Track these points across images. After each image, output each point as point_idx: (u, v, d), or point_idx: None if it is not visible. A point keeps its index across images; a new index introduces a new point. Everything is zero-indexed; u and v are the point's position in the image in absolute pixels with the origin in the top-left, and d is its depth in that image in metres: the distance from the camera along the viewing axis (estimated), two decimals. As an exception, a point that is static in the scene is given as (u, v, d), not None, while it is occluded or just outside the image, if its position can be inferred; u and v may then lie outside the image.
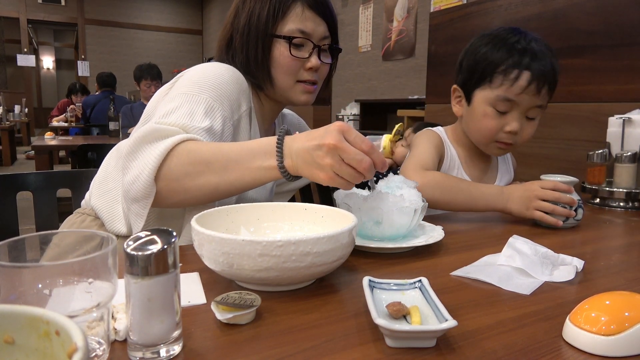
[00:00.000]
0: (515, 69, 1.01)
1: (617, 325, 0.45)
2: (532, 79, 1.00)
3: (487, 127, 1.06)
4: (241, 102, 0.91)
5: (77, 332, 0.27)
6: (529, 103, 1.03)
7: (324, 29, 0.98)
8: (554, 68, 1.04)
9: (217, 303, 0.50)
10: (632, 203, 1.16)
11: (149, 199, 0.75)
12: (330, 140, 0.65)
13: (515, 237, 0.73)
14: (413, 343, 0.45)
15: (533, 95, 1.01)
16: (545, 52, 1.03)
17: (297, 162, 0.69)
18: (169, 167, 0.74)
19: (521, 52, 1.02)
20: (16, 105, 8.15)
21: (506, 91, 1.02)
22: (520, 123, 1.05)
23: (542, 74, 1.01)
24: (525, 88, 1.01)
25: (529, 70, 1.00)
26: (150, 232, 0.42)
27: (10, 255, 0.40)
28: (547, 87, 1.03)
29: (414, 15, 4.52)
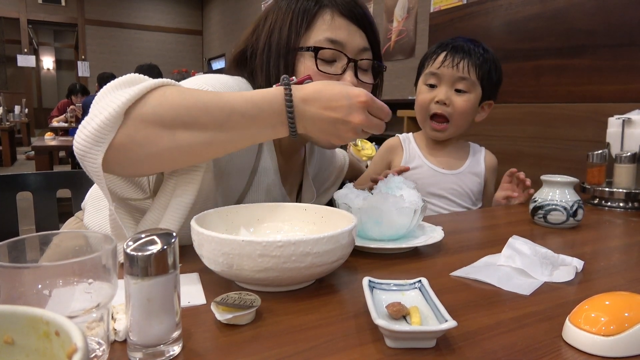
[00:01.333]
0: (436, 52, 1.22)
1: (617, 326, 0.45)
2: (448, 53, 1.19)
3: (420, 101, 1.23)
4: None
5: (76, 333, 0.27)
6: (450, 75, 1.18)
7: (361, 40, 0.82)
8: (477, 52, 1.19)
9: (217, 303, 0.50)
10: (632, 203, 1.16)
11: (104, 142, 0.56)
12: (356, 119, 0.63)
13: (515, 238, 0.73)
14: (413, 343, 0.45)
15: (451, 67, 1.18)
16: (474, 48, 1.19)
17: (312, 129, 0.63)
18: (149, 105, 0.58)
19: (446, 43, 1.21)
20: (16, 105, 8.15)
21: (430, 68, 1.22)
22: (448, 94, 1.19)
23: (458, 50, 1.18)
24: (443, 61, 1.19)
25: (445, 50, 1.20)
26: (150, 233, 0.42)
27: (10, 256, 0.40)
28: (466, 63, 1.18)
29: (414, 15, 4.52)
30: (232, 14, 9.35)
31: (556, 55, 1.49)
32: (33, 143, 3.98)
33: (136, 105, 0.58)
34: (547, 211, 0.95)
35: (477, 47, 1.21)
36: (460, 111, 1.20)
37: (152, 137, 0.59)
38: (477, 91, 1.21)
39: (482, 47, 1.22)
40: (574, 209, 0.94)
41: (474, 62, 1.19)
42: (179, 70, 6.59)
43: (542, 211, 0.96)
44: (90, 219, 0.85)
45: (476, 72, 1.19)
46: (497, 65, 1.23)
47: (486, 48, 1.23)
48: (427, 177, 1.25)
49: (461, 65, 1.18)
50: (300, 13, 0.80)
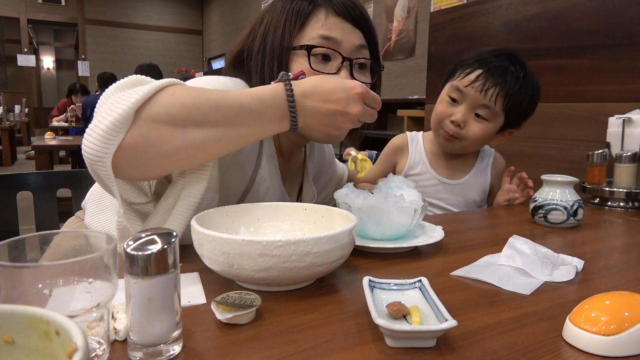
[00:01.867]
0: (472, 66, 1.12)
1: (617, 325, 0.45)
2: (481, 76, 1.09)
3: (437, 111, 1.17)
4: None
5: (77, 332, 0.27)
6: (475, 98, 1.10)
7: (357, 38, 0.81)
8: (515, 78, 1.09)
9: (217, 303, 0.50)
10: (632, 203, 1.16)
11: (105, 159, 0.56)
12: (354, 110, 0.65)
13: (515, 237, 0.73)
14: (413, 343, 0.45)
15: (479, 91, 1.09)
16: (515, 72, 1.09)
17: (312, 122, 0.65)
18: (160, 105, 0.58)
19: (489, 60, 1.11)
20: (16, 105, 8.15)
21: (458, 82, 1.12)
22: (465, 117, 1.12)
23: (493, 76, 1.09)
24: (473, 82, 1.10)
25: (482, 69, 1.10)
26: (151, 232, 0.42)
27: (10, 255, 0.40)
28: (496, 92, 1.08)
29: (414, 15, 4.52)
30: (232, 14, 9.36)
31: (556, 55, 1.49)
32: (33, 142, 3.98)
33: (146, 104, 0.58)
34: (547, 211, 0.95)
35: (518, 70, 1.10)
36: (472, 138, 1.13)
37: (165, 137, 0.59)
38: (499, 121, 1.13)
39: (525, 73, 1.11)
40: (574, 209, 0.94)
41: (507, 91, 1.09)
42: (179, 70, 6.58)
43: (543, 211, 0.96)
44: (91, 219, 0.85)
45: (504, 102, 1.10)
46: (534, 94, 1.13)
47: (529, 73, 1.12)
48: (429, 186, 1.24)
49: (490, 93, 1.09)
50: (294, 13, 0.80)
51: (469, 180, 1.24)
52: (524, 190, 1.18)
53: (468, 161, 1.27)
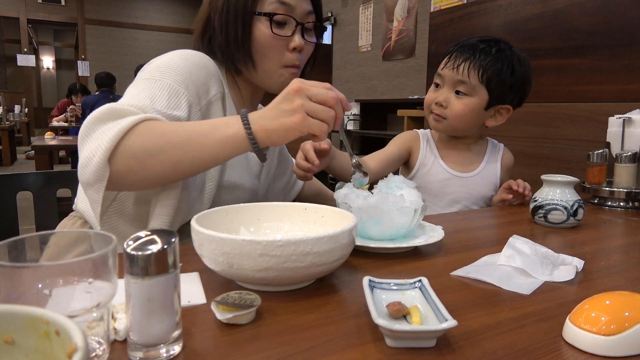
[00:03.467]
0: (447, 53, 1.19)
1: (618, 325, 0.45)
2: (452, 55, 1.17)
3: (426, 99, 1.24)
4: (210, 86, 0.87)
5: (77, 332, 0.27)
6: (451, 77, 1.16)
7: (307, 5, 0.93)
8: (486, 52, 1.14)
9: (217, 303, 0.50)
10: (632, 203, 1.16)
11: (101, 182, 0.69)
12: (292, 86, 0.68)
13: (515, 237, 0.73)
14: (413, 343, 0.45)
15: (451, 69, 1.15)
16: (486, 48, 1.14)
17: (266, 122, 0.69)
18: (126, 145, 0.69)
19: (460, 43, 1.18)
20: (16, 105, 8.14)
21: (438, 68, 1.21)
22: (447, 96, 1.18)
23: (462, 53, 1.15)
24: (447, 62, 1.17)
25: (455, 50, 1.17)
26: (150, 232, 0.42)
27: (10, 255, 0.40)
28: (467, 65, 1.14)
29: (414, 15, 4.52)
30: (232, 14, 9.34)
31: (556, 55, 1.49)
32: (33, 142, 3.97)
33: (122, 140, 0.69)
34: (547, 211, 0.95)
35: (490, 46, 1.15)
36: (455, 114, 1.17)
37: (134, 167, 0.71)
38: (481, 95, 1.16)
39: (498, 47, 1.15)
40: (574, 209, 0.94)
41: (478, 64, 1.14)
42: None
43: (543, 211, 0.96)
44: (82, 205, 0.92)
45: (479, 75, 1.14)
46: (516, 67, 1.15)
47: (503, 47, 1.16)
48: (442, 180, 1.24)
49: (461, 68, 1.15)
50: None
51: (481, 173, 1.25)
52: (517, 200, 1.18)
53: (478, 153, 1.28)
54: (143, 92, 0.78)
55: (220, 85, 0.90)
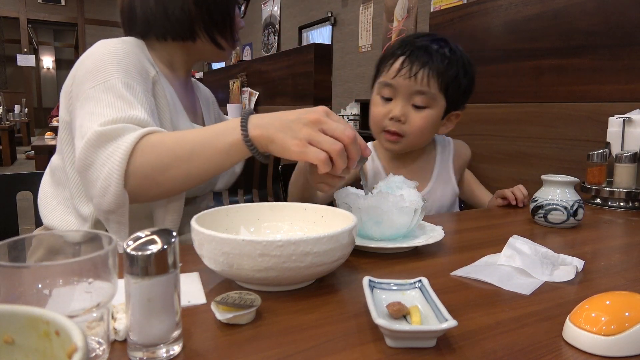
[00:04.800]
0: (394, 56, 1.05)
1: (618, 325, 0.45)
2: (406, 61, 1.02)
3: (374, 114, 1.09)
4: (147, 67, 0.88)
5: (77, 332, 0.27)
6: (407, 87, 1.02)
7: None
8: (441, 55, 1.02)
9: (217, 303, 0.50)
10: (632, 203, 1.16)
11: (124, 207, 0.73)
12: (313, 115, 0.64)
13: (515, 237, 0.73)
14: (413, 343, 0.45)
15: (408, 78, 1.01)
16: (439, 49, 1.03)
17: (269, 131, 0.66)
18: (135, 166, 0.70)
19: (407, 43, 1.05)
20: (16, 105, 8.15)
21: (385, 77, 1.05)
22: (404, 110, 1.04)
23: (418, 58, 1.02)
24: (399, 70, 1.02)
25: (404, 55, 1.03)
26: (150, 232, 0.42)
27: (10, 255, 0.40)
28: (426, 73, 1.01)
29: (414, 15, 4.52)
30: (232, 14, 9.34)
31: (556, 55, 1.49)
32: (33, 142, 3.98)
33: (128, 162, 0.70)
34: (547, 211, 0.95)
35: (442, 47, 1.04)
36: (417, 130, 1.05)
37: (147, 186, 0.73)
38: (440, 105, 1.05)
39: (450, 48, 1.05)
40: (574, 209, 0.94)
41: (436, 70, 1.01)
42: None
43: (543, 211, 0.96)
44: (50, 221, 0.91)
45: (438, 82, 1.02)
46: (468, 69, 1.06)
47: (454, 48, 1.06)
48: None
49: (420, 76, 1.01)
50: None
51: (433, 187, 1.15)
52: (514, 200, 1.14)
53: (428, 162, 1.18)
54: (101, 105, 0.76)
55: (151, 63, 0.91)
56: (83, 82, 0.81)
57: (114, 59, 0.82)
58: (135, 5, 0.94)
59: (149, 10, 0.92)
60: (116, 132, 0.71)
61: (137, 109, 0.77)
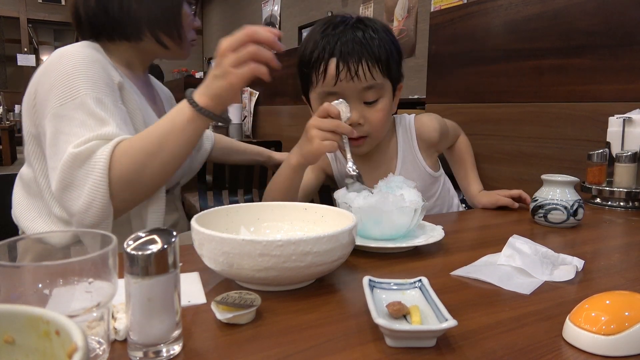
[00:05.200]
0: (321, 60, 0.93)
1: (618, 325, 0.45)
2: (339, 63, 0.91)
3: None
4: (111, 73, 0.88)
5: (77, 332, 0.27)
6: (353, 88, 0.93)
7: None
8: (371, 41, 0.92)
9: (217, 303, 0.50)
10: (632, 203, 1.16)
11: (108, 219, 0.76)
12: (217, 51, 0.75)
13: (515, 237, 0.73)
14: (413, 343, 0.45)
15: (350, 79, 0.91)
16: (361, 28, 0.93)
17: (207, 92, 0.76)
18: (116, 176, 0.74)
19: (328, 41, 0.93)
20: (16, 105, 8.16)
21: (324, 86, 0.94)
22: (359, 111, 0.95)
23: (350, 52, 0.91)
24: (337, 75, 0.91)
25: (333, 55, 0.91)
26: (150, 232, 0.42)
27: (10, 255, 0.40)
28: (366, 65, 0.91)
29: (414, 15, 4.52)
30: (232, 14, 9.35)
31: (556, 55, 1.49)
32: (33, 142, 3.97)
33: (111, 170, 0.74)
34: (547, 210, 0.95)
35: (364, 29, 0.94)
36: (378, 125, 0.98)
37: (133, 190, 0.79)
38: (388, 89, 0.98)
39: (369, 26, 0.95)
40: (574, 209, 0.94)
41: (374, 57, 0.92)
42: (179, 70, 6.59)
43: (543, 210, 0.96)
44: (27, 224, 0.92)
45: (380, 69, 0.94)
46: (392, 37, 0.98)
47: (371, 24, 0.96)
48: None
49: (361, 72, 0.91)
50: None
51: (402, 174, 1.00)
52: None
53: (390, 149, 1.09)
54: (73, 124, 0.77)
55: (113, 67, 0.91)
56: (49, 97, 0.80)
57: (80, 71, 0.81)
58: (79, 6, 0.94)
59: (90, 10, 0.92)
60: (90, 150, 0.74)
61: (109, 124, 0.78)
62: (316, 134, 0.84)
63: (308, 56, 0.96)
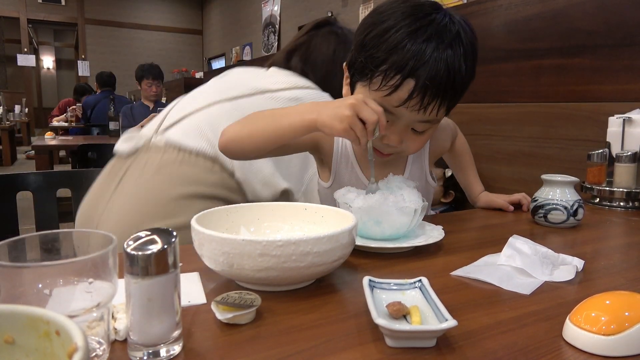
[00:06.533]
0: (394, 71, 0.76)
1: (617, 325, 0.45)
2: (415, 92, 0.76)
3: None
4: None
5: (77, 332, 0.27)
6: (411, 118, 0.81)
7: None
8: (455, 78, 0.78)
9: (217, 303, 0.50)
10: (632, 203, 1.16)
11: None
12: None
13: (515, 237, 0.73)
14: (413, 343, 0.45)
15: (416, 110, 0.78)
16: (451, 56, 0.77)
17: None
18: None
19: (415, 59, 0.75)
20: (16, 105, 8.15)
21: (383, 98, 0.79)
22: (402, 137, 0.84)
23: (432, 87, 0.76)
24: (407, 100, 0.77)
25: (412, 78, 0.76)
26: (150, 232, 0.42)
27: (10, 255, 0.40)
28: (438, 104, 0.79)
29: (414, 15, 4.52)
30: (232, 14, 9.35)
31: (556, 55, 1.49)
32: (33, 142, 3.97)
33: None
34: (547, 210, 0.95)
35: (459, 48, 0.78)
36: (414, 150, 0.90)
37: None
38: (437, 123, 0.87)
39: (465, 48, 0.79)
40: (574, 209, 0.94)
41: (453, 94, 0.80)
42: (179, 70, 6.59)
43: (543, 210, 0.96)
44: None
45: (447, 107, 0.82)
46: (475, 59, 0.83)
47: (469, 46, 0.80)
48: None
49: (430, 108, 0.78)
50: None
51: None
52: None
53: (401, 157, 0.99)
54: None
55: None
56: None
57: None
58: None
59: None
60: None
61: None
62: (350, 119, 0.72)
63: (383, 54, 0.78)
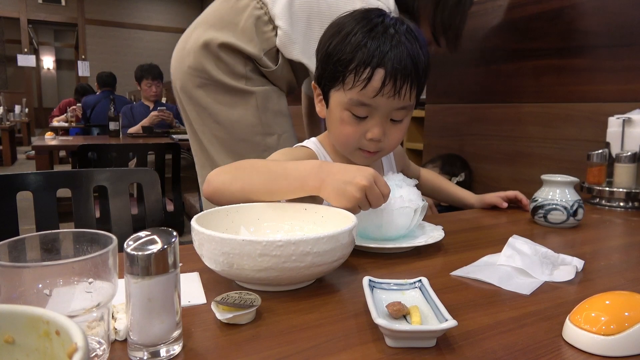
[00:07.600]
0: (363, 65, 0.81)
1: (617, 325, 0.45)
2: (387, 78, 0.81)
3: (346, 135, 0.88)
4: None
5: (77, 332, 0.27)
6: (388, 106, 0.84)
7: None
8: (420, 61, 0.84)
9: (217, 303, 0.50)
10: (632, 203, 1.16)
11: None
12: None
13: (515, 237, 0.73)
14: (413, 343, 0.45)
15: (391, 96, 0.82)
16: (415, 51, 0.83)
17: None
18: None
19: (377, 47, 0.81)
20: (16, 105, 8.15)
21: (359, 94, 0.83)
22: (384, 128, 0.86)
23: (401, 70, 0.81)
24: (381, 89, 0.81)
25: (380, 66, 0.81)
26: (151, 232, 0.42)
27: (10, 255, 0.40)
28: (408, 87, 0.83)
29: (414, 15, 4.52)
30: (232, 14, 9.34)
31: (556, 55, 1.49)
32: (33, 142, 3.97)
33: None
34: (547, 211, 0.95)
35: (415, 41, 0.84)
36: (395, 143, 0.91)
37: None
38: (412, 110, 0.91)
39: (419, 40, 0.85)
40: (574, 209, 0.94)
41: (417, 79, 0.85)
42: (179, 70, 6.59)
43: (543, 211, 0.96)
44: None
45: (417, 91, 0.87)
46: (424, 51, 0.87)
47: (422, 39, 0.87)
48: None
49: (403, 92, 0.82)
50: None
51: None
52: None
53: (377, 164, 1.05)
54: None
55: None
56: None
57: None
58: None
59: None
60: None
61: None
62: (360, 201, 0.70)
63: (349, 54, 0.82)
